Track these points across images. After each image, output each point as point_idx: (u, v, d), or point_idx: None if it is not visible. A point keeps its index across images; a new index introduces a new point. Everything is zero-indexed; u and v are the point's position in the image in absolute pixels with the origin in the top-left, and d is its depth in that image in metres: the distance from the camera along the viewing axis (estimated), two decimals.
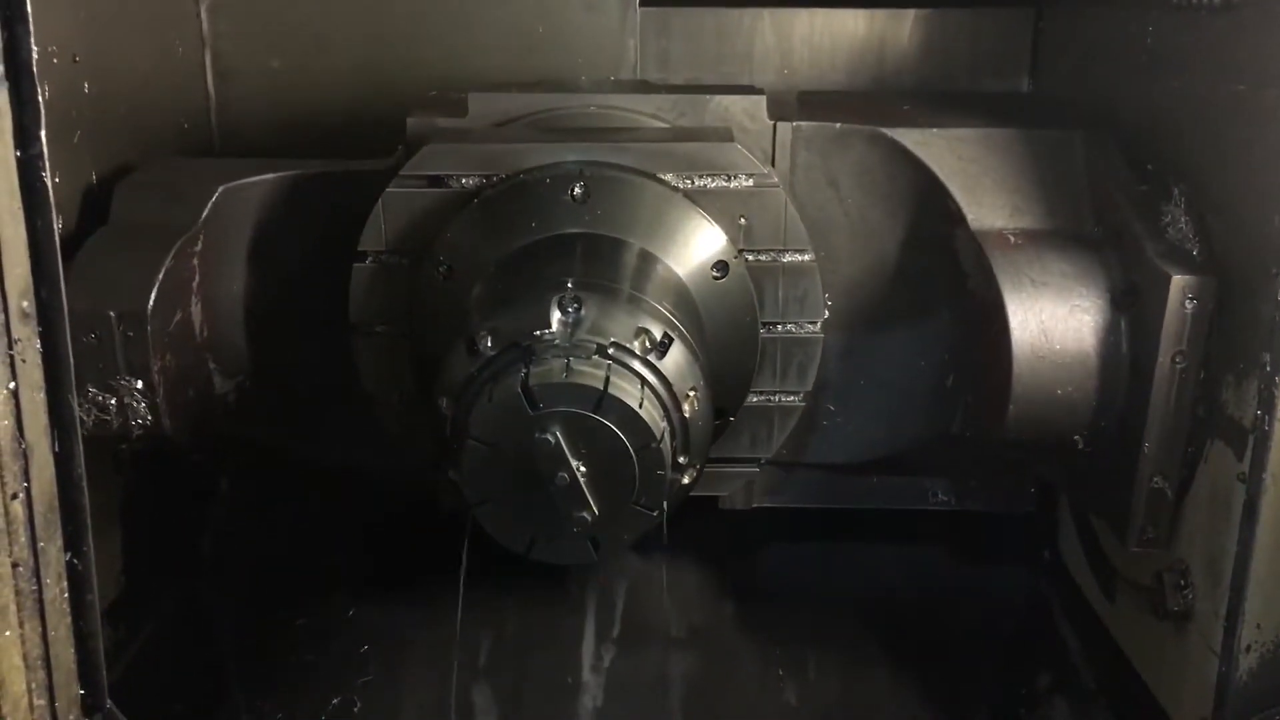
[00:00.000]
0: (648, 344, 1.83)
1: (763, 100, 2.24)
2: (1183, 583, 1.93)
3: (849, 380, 2.37)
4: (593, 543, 1.82)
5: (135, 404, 2.01)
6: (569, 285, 1.86)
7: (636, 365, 1.80)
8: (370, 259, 2.15)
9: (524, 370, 1.73)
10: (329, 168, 2.31)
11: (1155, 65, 2.13)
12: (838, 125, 2.27)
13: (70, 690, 1.43)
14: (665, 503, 1.80)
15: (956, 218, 2.20)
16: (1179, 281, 1.84)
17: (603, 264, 2.00)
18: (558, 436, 1.72)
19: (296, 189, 2.29)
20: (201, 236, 2.21)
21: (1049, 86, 2.78)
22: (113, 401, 2.00)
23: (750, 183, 2.12)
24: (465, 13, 2.80)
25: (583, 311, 1.83)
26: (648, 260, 2.04)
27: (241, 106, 2.86)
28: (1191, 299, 1.85)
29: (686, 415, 1.86)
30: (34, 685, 1.36)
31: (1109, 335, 1.99)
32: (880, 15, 2.87)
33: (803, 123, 2.27)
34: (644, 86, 2.53)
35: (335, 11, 2.81)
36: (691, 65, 2.89)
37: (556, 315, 1.82)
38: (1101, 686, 2.27)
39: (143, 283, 2.04)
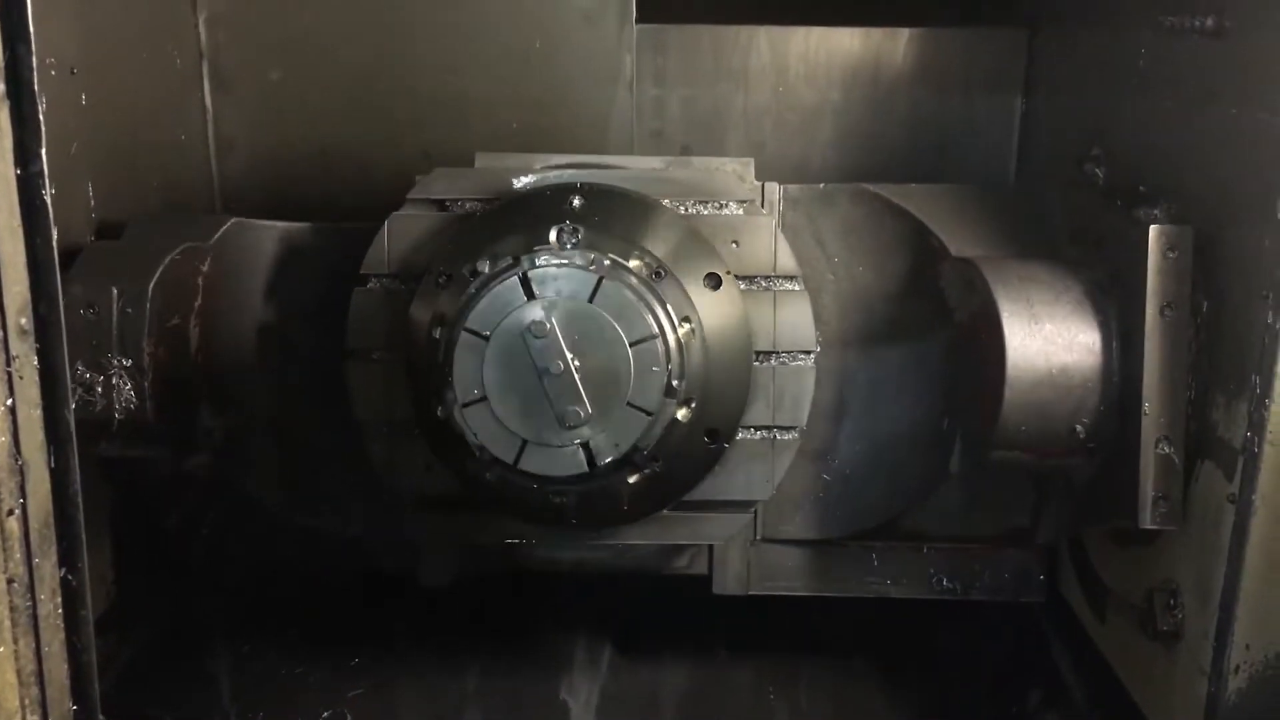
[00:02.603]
0: (644, 269, 1.85)
1: (751, 162, 2.27)
2: (1173, 603, 1.93)
3: (843, 444, 2.33)
4: (585, 450, 1.78)
5: (122, 385, 2.01)
6: (568, 221, 1.89)
7: (633, 280, 1.81)
8: (372, 282, 2.14)
9: (522, 268, 1.77)
10: (340, 225, 2.32)
11: (1147, 86, 2.15)
12: (822, 185, 2.34)
13: (63, 706, 1.43)
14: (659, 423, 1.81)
15: (940, 254, 2.24)
16: (1157, 231, 1.89)
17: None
18: (552, 323, 1.72)
19: (305, 241, 2.32)
20: (210, 258, 2.22)
21: (1041, 106, 2.80)
22: (100, 381, 2.00)
23: (741, 211, 2.15)
24: (463, 26, 2.80)
25: (580, 237, 1.87)
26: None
27: (239, 118, 2.86)
28: (1172, 250, 1.88)
29: (681, 339, 1.85)
30: (27, 701, 1.36)
31: (1099, 315, 2.01)
32: (876, 33, 2.89)
33: (790, 185, 2.30)
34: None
35: (333, 24, 2.81)
36: (687, 81, 2.91)
37: (555, 237, 1.86)
38: (1092, 705, 2.27)
39: (147, 265, 2.09)
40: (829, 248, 2.31)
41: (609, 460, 1.80)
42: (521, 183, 2.12)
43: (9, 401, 1.31)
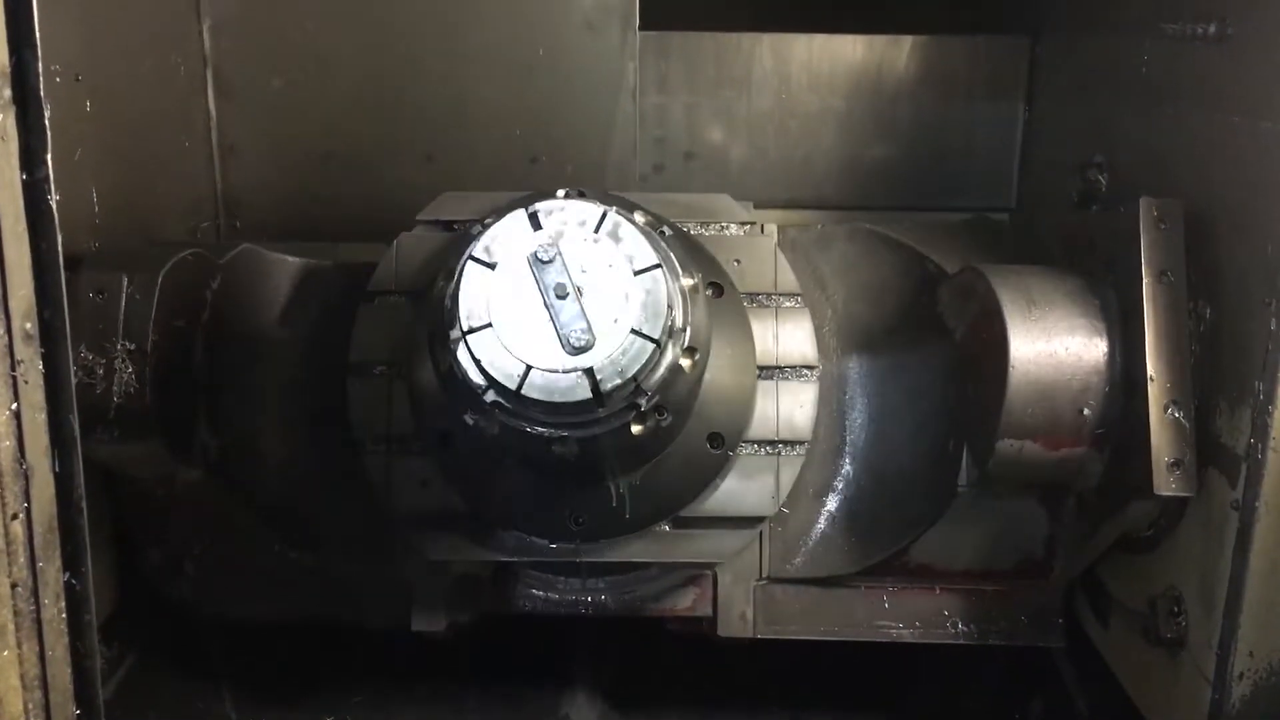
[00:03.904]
0: (650, 226, 1.86)
1: (749, 205, 2.28)
2: (1176, 610, 1.93)
3: (850, 478, 2.30)
4: (589, 377, 1.74)
5: (124, 368, 2.00)
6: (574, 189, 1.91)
7: (637, 229, 1.81)
8: (378, 299, 2.16)
9: (530, 206, 1.78)
10: (349, 264, 2.33)
11: (1150, 94, 2.15)
12: (819, 226, 2.39)
13: (66, 710, 1.43)
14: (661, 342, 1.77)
15: (936, 277, 2.27)
16: (1146, 202, 1.94)
17: None
18: (559, 249, 1.73)
19: (315, 275, 2.33)
20: (220, 277, 2.24)
21: (1044, 113, 2.81)
22: (102, 364, 2.00)
23: (742, 232, 2.19)
24: (466, 33, 2.81)
25: (586, 196, 1.88)
26: None
27: (242, 124, 2.87)
28: (1163, 221, 1.92)
29: (684, 288, 1.84)
30: (31, 706, 1.36)
31: (1097, 299, 2.02)
32: (879, 41, 2.89)
33: (788, 226, 2.33)
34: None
35: (336, 31, 2.82)
36: (690, 88, 2.91)
37: (562, 195, 1.87)
38: (1095, 713, 2.27)
39: (159, 259, 2.10)
40: (828, 287, 2.34)
41: (614, 386, 1.74)
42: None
43: (13, 406, 1.31)
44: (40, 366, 1.35)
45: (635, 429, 1.83)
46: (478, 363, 1.74)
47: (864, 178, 2.94)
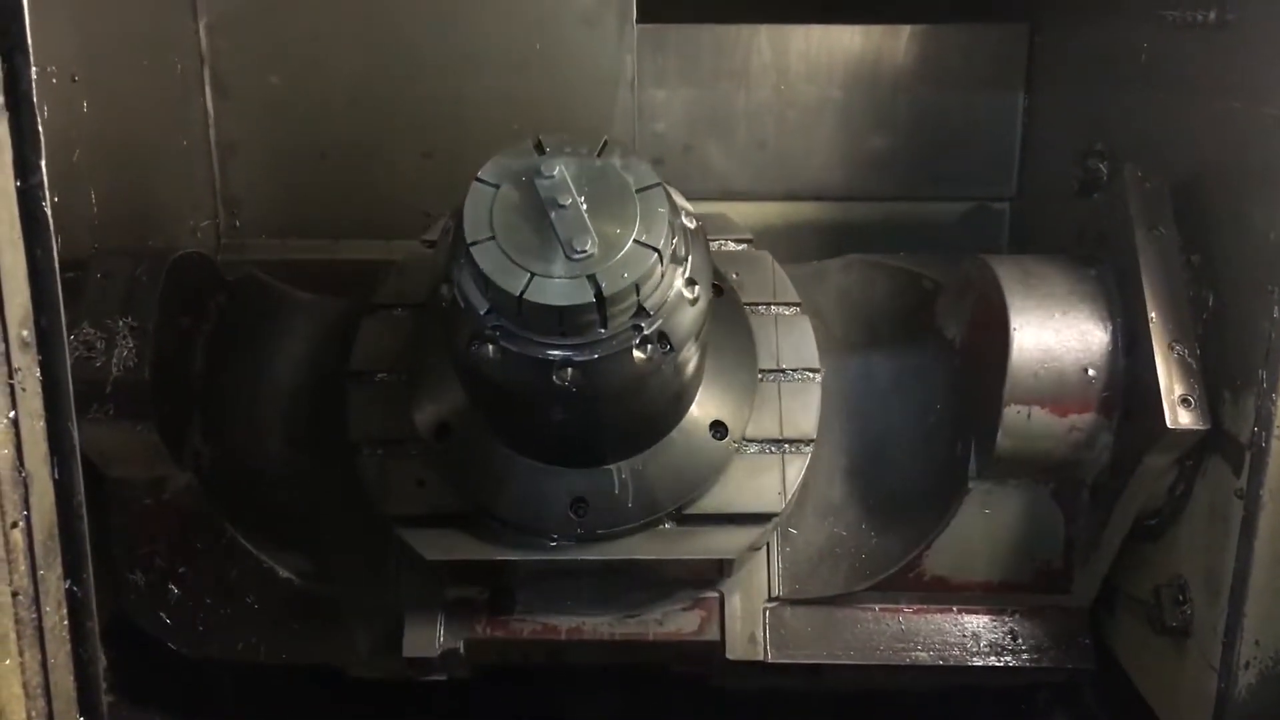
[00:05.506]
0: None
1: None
2: (1181, 598, 1.93)
3: (858, 498, 2.26)
4: (592, 283, 1.70)
5: (125, 344, 2.01)
6: None
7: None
8: (380, 313, 2.18)
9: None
10: (348, 301, 2.33)
11: (1150, 81, 2.15)
12: (814, 263, 2.41)
13: (70, 717, 1.43)
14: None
15: (933, 291, 2.28)
16: (1131, 167, 2.01)
17: None
18: (562, 170, 1.74)
19: (313, 310, 2.36)
20: (225, 294, 2.26)
21: (1044, 101, 2.80)
22: (103, 339, 2.00)
23: (741, 248, 2.25)
24: (462, 29, 2.80)
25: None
26: None
27: (240, 123, 2.86)
28: (1147, 182, 1.98)
29: (688, 227, 1.84)
30: (34, 714, 1.36)
31: (1092, 268, 2.04)
32: (876, 30, 2.88)
33: (783, 264, 2.30)
34: None
35: (333, 29, 2.82)
36: (688, 81, 2.90)
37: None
38: (1101, 703, 2.27)
39: (166, 252, 2.14)
40: (826, 318, 2.34)
41: (616, 291, 1.71)
42: None
43: (11, 414, 1.30)
44: (38, 374, 1.35)
45: (638, 355, 1.78)
46: (481, 275, 1.72)
47: (863, 169, 2.93)
